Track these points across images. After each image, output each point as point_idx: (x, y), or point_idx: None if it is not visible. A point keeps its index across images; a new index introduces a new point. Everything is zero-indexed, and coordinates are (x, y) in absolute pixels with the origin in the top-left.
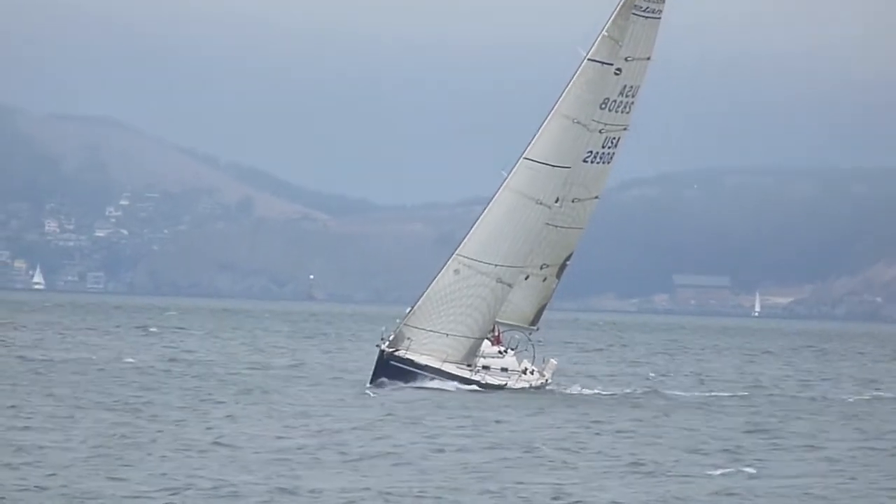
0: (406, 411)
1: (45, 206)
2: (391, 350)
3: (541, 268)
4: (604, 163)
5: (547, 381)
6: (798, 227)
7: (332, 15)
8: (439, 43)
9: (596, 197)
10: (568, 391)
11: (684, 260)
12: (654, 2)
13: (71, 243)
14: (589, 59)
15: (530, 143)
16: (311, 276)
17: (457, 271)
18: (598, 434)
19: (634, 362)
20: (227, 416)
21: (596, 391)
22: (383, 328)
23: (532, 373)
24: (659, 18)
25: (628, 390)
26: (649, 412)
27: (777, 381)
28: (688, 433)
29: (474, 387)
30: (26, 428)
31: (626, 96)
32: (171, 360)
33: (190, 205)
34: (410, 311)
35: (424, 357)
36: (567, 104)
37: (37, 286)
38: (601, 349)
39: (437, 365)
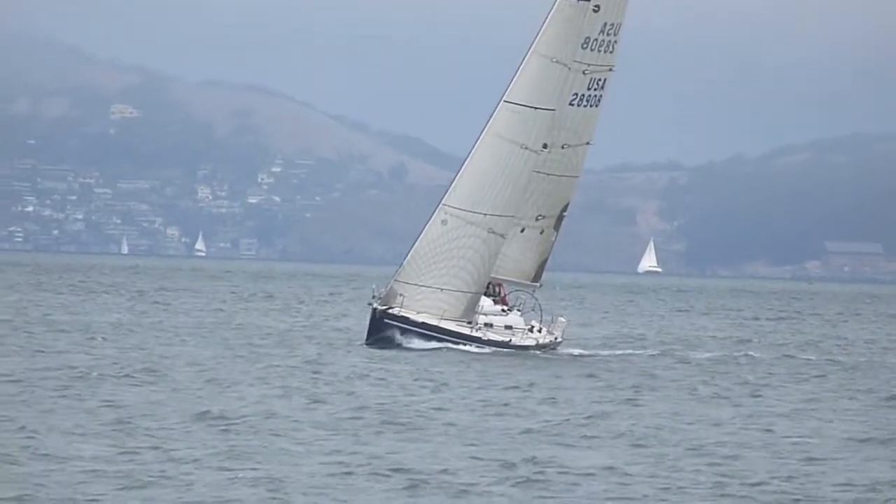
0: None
1: (198, 172)
2: (384, 308)
3: (536, 219)
4: (591, 106)
5: (556, 339)
6: None
7: None
8: None
9: (588, 143)
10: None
11: (837, 227)
12: None
13: (224, 210)
14: None
15: (509, 85)
16: None
17: (444, 222)
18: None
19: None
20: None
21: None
22: (373, 285)
23: (539, 331)
24: None
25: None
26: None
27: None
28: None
29: (475, 346)
30: None
31: (608, 34)
32: None
33: (342, 172)
34: (400, 266)
35: (421, 314)
36: (544, 43)
37: (199, 253)
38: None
39: (434, 322)
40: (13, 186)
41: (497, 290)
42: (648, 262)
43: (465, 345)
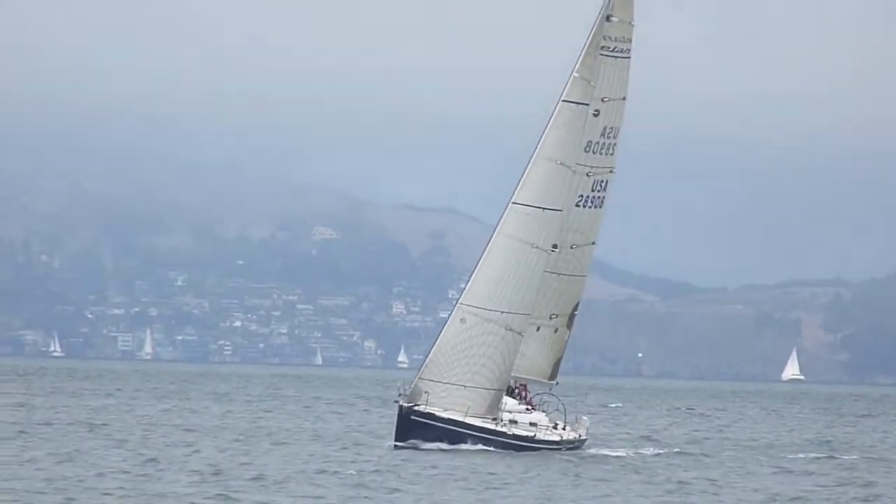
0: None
1: (393, 289)
2: (410, 405)
3: (550, 318)
4: (595, 207)
5: (580, 437)
6: None
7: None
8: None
9: (593, 243)
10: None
11: None
12: (620, 41)
13: (416, 324)
14: (563, 101)
15: (516, 188)
16: (640, 354)
17: (463, 320)
18: None
19: None
20: None
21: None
22: (399, 383)
23: (564, 429)
24: (628, 58)
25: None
26: None
27: None
28: None
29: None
30: None
31: (608, 138)
32: None
33: None
34: (423, 364)
35: (447, 411)
36: (548, 147)
37: (402, 365)
38: None
39: (460, 418)
40: (223, 303)
41: (523, 392)
42: (791, 370)
43: (492, 440)
